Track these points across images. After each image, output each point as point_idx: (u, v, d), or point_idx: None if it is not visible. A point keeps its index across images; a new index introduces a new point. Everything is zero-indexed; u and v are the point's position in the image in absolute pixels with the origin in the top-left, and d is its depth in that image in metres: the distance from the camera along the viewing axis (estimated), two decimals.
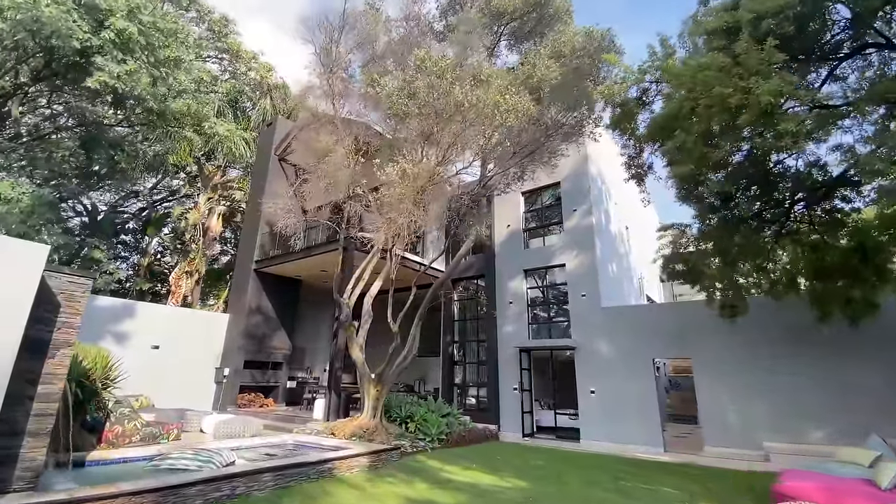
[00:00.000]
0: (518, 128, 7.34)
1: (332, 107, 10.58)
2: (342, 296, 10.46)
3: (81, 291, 5.38)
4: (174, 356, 13.73)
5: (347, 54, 9.89)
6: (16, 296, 4.33)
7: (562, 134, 8.26)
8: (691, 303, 13.38)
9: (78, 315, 5.32)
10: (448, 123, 7.12)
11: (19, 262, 4.35)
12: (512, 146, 7.82)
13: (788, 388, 9.85)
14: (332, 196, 10.65)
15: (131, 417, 8.18)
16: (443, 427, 10.38)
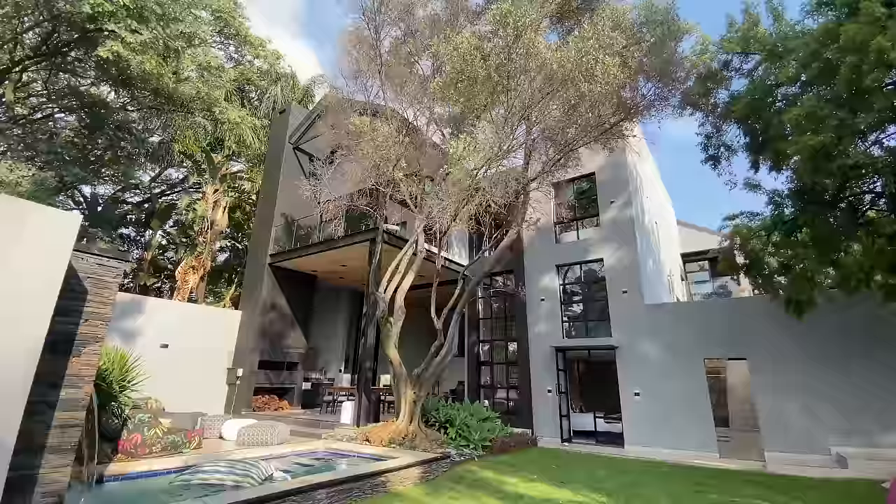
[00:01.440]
0: (598, 98, 6.55)
1: (375, 81, 9.67)
2: (377, 290, 9.57)
3: (113, 276, 4.48)
4: (184, 355, 12.75)
5: (391, 25, 8.98)
6: (43, 278, 3.44)
7: (642, 107, 7.49)
8: (745, 299, 12.74)
9: (108, 304, 4.43)
10: (520, 92, 6.28)
11: (47, 236, 3.46)
12: (592, 118, 7.01)
13: (859, 388, 9.18)
14: (365, 182, 9.73)
15: (151, 424, 7.26)
16: (485, 433, 9.55)
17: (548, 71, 6.04)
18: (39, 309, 3.43)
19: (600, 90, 6.22)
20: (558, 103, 6.58)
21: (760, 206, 8.70)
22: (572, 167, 10.95)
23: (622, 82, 6.46)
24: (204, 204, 16.36)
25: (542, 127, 6.91)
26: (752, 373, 10.37)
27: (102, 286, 4.40)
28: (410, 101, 8.55)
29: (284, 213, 15.38)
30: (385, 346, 9.58)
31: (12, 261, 3.22)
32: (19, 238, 3.26)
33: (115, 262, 4.51)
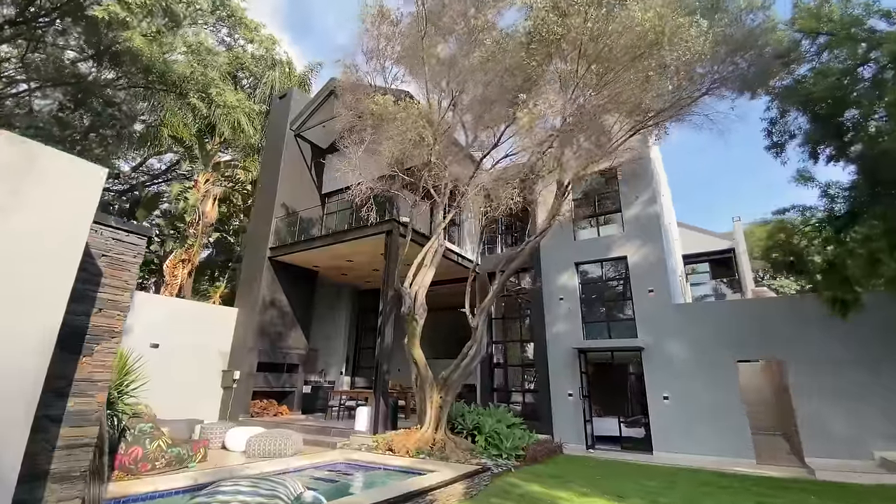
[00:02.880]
0: (682, 67, 5.93)
1: (392, 62, 8.85)
2: (402, 285, 8.74)
3: (133, 254, 3.59)
4: (176, 356, 11.63)
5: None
6: (59, 248, 2.56)
7: (717, 83, 6.88)
8: (781, 298, 12.43)
9: (127, 291, 3.53)
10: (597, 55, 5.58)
11: (65, 192, 2.57)
12: (670, 90, 6.38)
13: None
14: (389, 168, 8.88)
15: (153, 436, 6.27)
16: (517, 441, 8.83)
17: (636, 33, 5.40)
18: (54, 289, 2.54)
19: (686, 59, 5.62)
20: (635, 71, 5.93)
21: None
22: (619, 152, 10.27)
23: (705, 52, 5.86)
24: (195, 193, 15.17)
25: (606, 99, 6.22)
26: (790, 375, 9.96)
27: (120, 267, 3.50)
28: (437, 81, 7.73)
29: (285, 203, 14.37)
30: (409, 345, 8.77)
31: (20, 221, 2.34)
32: (29, 192, 2.37)
33: (137, 237, 3.61)
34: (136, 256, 3.59)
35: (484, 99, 7.11)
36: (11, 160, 2.30)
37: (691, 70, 6.02)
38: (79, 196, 2.62)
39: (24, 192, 2.36)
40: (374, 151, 8.41)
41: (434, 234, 9.18)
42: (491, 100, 7.21)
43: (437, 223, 9.24)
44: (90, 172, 2.71)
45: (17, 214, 2.33)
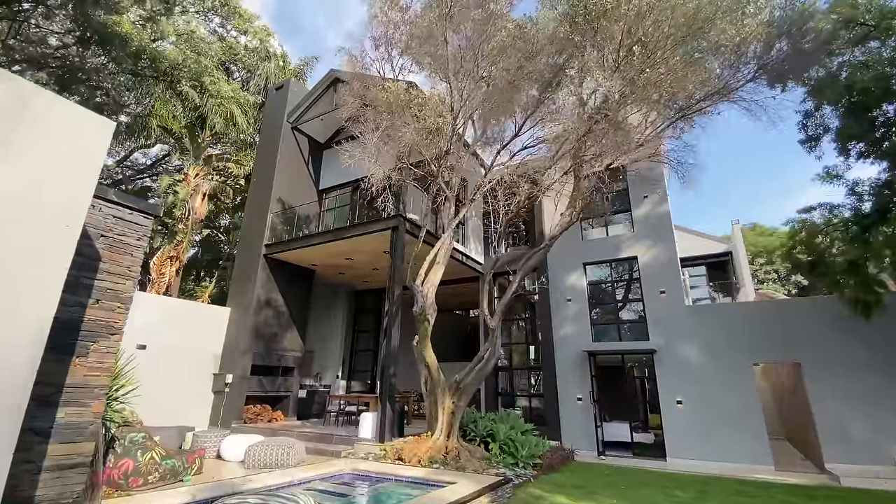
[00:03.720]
0: (731, 50, 5.53)
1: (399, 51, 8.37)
2: (415, 283, 8.22)
3: (137, 236, 3.04)
4: (164, 359, 10.89)
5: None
6: (56, 224, 2.01)
7: (763, 70, 6.50)
8: (799, 300, 12.20)
9: (128, 279, 2.98)
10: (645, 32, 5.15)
11: (68, 151, 2.02)
12: (722, 74, 5.97)
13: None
14: (401, 160, 8.37)
15: (145, 446, 5.64)
16: (533, 448, 8.38)
17: (692, 6, 5.03)
18: (47, 272, 2.00)
19: (738, 40, 5.27)
20: (683, 53, 5.53)
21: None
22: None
23: (759, 33, 5.52)
24: (186, 187, 14.41)
25: (645, 84, 5.80)
26: (807, 379, 9.72)
27: (122, 251, 2.95)
28: (455, 67, 7.24)
29: (281, 198, 13.73)
30: (421, 347, 8.25)
31: (3, 180, 1.79)
32: (17, 143, 1.83)
33: (141, 215, 3.06)
34: (141, 239, 3.04)
35: (507, 85, 6.67)
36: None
37: (741, 53, 5.68)
38: (80, 153, 2.08)
39: (11, 143, 1.81)
40: (383, 142, 7.88)
41: (447, 229, 8.68)
42: (515, 86, 6.78)
43: (449, 218, 8.75)
44: (96, 125, 2.17)
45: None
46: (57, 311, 2.18)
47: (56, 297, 2.09)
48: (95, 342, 2.74)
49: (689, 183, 6.10)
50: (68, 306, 2.60)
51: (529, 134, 7.95)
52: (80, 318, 2.69)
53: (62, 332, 2.58)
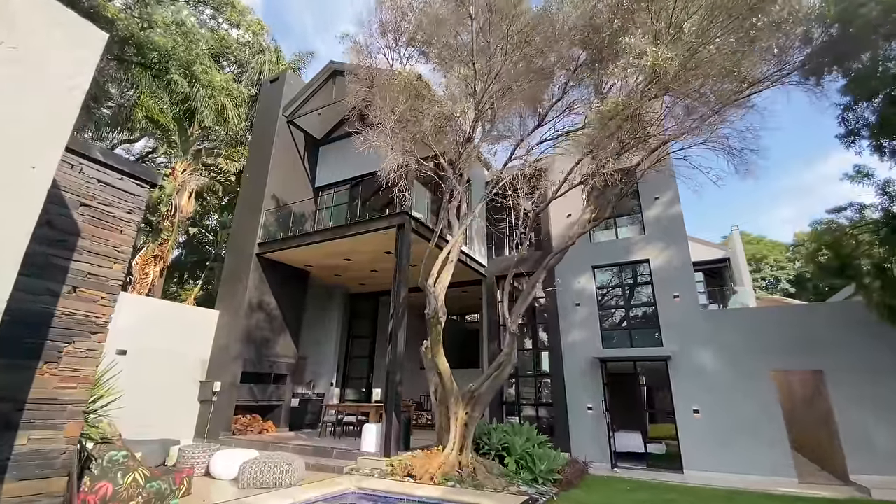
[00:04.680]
0: (793, 27, 5.06)
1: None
2: (426, 283, 7.60)
3: (128, 209, 2.39)
4: (147, 365, 10.05)
5: None
6: (12, 175, 1.36)
7: (817, 53, 6.04)
8: (821, 304, 11.86)
9: (117, 262, 2.33)
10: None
11: (42, 63, 1.38)
12: (781, 54, 5.49)
13: None
14: (412, 152, 7.77)
15: (127, 467, 4.89)
16: (552, 462, 7.78)
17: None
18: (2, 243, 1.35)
19: (800, 16, 4.86)
20: (740, 29, 5.03)
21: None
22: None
23: (825, 13, 5.09)
24: (173, 182, 13.56)
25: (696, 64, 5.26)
26: (830, 387, 9.35)
27: (109, 225, 2.30)
28: (473, 46, 6.63)
29: (275, 194, 12.99)
30: (432, 353, 7.62)
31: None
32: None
33: (135, 182, 2.41)
34: (133, 212, 2.40)
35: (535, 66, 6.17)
36: None
37: (802, 33, 5.27)
38: (57, 72, 1.44)
39: None
40: (399, 128, 7.26)
41: (460, 225, 8.10)
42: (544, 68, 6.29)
43: (462, 214, 8.18)
44: (81, 34, 1.53)
45: None
46: (11, 300, 1.52)
47: (9, 280, 1.45)
48: (70, 343, 2.09)
49: (750, 171, 5.68)
50: (33, 295, 1.95)
51: (550, 126, 7.46)
52: (51, 311, 2.04)
53: (23, 330, 1.92)
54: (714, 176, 5.99)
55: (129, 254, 2.35)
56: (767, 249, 42.80)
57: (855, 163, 7.61)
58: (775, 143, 31.36)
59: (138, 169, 2.42)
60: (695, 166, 6.06)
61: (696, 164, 6.02)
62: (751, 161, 5.60)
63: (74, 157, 2.12)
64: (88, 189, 2.20)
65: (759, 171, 5.69)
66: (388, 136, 6.98)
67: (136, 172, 2.38)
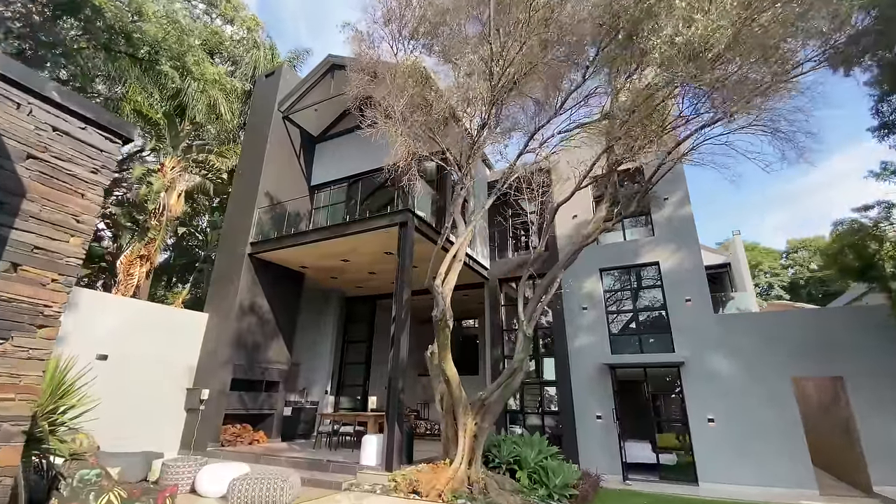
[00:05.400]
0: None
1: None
2: (434, 282, 7.08)
3: (93, 167, 1.86)
4: (130, 371, 9.40)
5: None
6: None
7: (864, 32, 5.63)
8: (842, 308, 11.49)
9: (75, 234, 1.79)
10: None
11: None
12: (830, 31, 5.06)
13: None
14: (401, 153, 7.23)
15: (101, 488, 4.29)
16: (567, 476, 7.26)
17: None
18: None
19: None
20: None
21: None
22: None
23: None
24: (161, 178, 12.92)
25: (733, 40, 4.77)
26: (851, 394, 8.97)
27: (66, 186, 1.77)
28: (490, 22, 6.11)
29: (269, 192, 12.42)
30: (440, 358, 7.08)
31: None
32: None
33: (102, 135, 1.89)
34: (99, 172, 1.88)
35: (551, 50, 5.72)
36: None
37: (847, 11, 4.89)
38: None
39: None
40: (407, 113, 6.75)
41: (469, 222, 7.62)
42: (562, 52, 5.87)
43: (470, 212, 7.71)
44: None
45: None
46: None
47: None
48: (7, 340, 1.56)
49: (804, 156, 5.28)
50: None
51: (566, 116, 7.03)
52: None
53: None
54: (762, 162, 5.59)
55: (92, 226, 1.82)
56: (761, 256, 42.89)
57: (882, 159, 7.27)
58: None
59: (107, 117, 1.90)
60: (740, 152, 5.66)
61: (740, 150, 5.63)
62: (804, 145, 5.22)
63: (21, 93, 1.60)
64: (39, 138, 1.68)
65: (813, 156, 5.31)
66: (398, 121, 6.46)
67: (103, 121, 1.86)
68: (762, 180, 63.18)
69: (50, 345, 1.72)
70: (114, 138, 1.91)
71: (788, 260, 41.71)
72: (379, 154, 12.18)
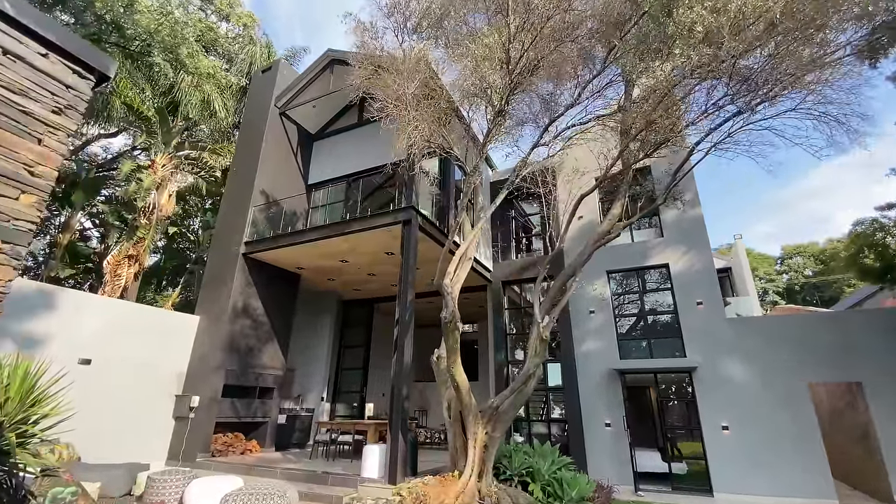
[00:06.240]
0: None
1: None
2: (443, 282, 6.66)
3: (54, 105, 1.42)
4: (114, 376, 8.87)
5: None
6: None
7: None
8: (861, 312, 11.21)
9: (27, 191, 1.36)
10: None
11: None
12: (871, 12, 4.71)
13: None
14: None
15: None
16: (583, 489, 6.83)
17: None
18: None
19: None
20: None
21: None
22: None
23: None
24: (152, 175, 12.39)
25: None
26: (870, 400, 8.67)
27: (17, 126, 1.33)
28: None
29: (265, 190, 11.95)
30: (449, 363, 6.64)
31: None
32: None
33: (71, 68, 1.45)
34: (63, 113, 1.45)
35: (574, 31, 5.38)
36: None
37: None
38: None
39: None
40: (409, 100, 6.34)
41: (477, 219, 7.22)
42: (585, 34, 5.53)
43: (478, 209, 7.33)
44: None
45: None
46: None
47: None
48: None
49: (858, 139, 4.96)
50: None
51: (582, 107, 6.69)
52: None
53: None
54: (812, 147, 5.26)
55: (50, 180, 1.40)
56: (756, 262, 43.03)
57: None
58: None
59: (77, 45, 1.46)
60: (787, 138, 5.33)
61: (786, 136, 5.29)
62: (857, 129, 4.90)
63: None
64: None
65: (868, 141, 4.99)
66: (411, 106, 6.04)
67: (72, 49, 1.42)
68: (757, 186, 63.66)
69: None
70: (84, 72, 1.47)
71: (784, 266, 41.85)
72: (378, 152, 11.85)
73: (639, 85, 6.00)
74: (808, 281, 38.70)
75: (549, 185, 8.56)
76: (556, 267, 11.95)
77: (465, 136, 8.75)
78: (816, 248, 39.68)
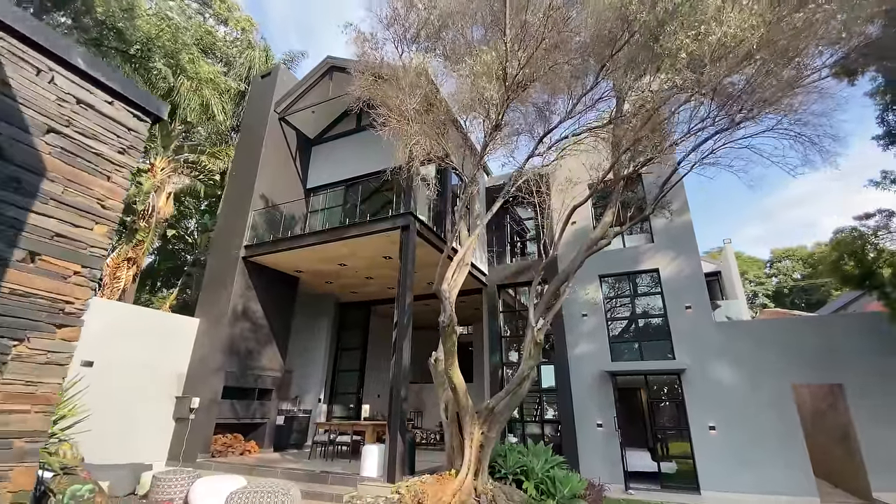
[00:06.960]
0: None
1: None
2: (441, 286, 6.89)
3: (120, 146, 1.65)
4: (116, 378, 8.99)
5: None
6: None
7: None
8: (844, 315, 11.59)
9: (100, 222, 1.58)
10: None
11: None
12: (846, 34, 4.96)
13: None
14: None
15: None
16: (575, 486, 7.09)
17: None
18: None
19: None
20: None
21: None
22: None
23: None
24: (151, 178, 12.52)
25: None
26: (850, 401, 9.02)
27: (91, 166, 1.56)
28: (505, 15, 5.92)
29: (264, 194, 12.12)
30: (447, 365, 6.87)
31: None
32: None
33: (131, 112, 1.66)
34: (127, 153, 1.67)
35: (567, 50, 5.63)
36: None
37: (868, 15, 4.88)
38: None
39: None
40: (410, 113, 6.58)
41: (475, 224, 7.47)
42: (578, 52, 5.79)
43: (476, 214, 7.58)
44: None
45: None
46: None
47: None
48: (22, 340, 1.34)
49: (829, 160, 5.27)
50: None
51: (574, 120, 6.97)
52: None
53: None
54: (787, 166, 5.58)
55: (118, 212, 1.62)
56: (746, 265, 43.70)
57: (882, 168, 7.36)
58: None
59: (136, 91, 1.69)
60: (765, 157, 5.64)
61: (764, 154, 5.61)
62: (828, 149, 5.23)
63: (42, 57, 1.39)
64: (61, 110, 1.46)
65: (837, 160, 5.31)
66: (412, 120, 6.27)
67: (132, 95, 1.65)
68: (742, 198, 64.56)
69: (71, 347, 1.50)
70: (142, 115, 1.70)
71: (773, 269, 42.53)
72: (376, 157, 12.06)
73: (628, 101, 6.29)
74: (796, 284, 39.39)
75: (542, 195, 8.84)
76: (551, 272, 12.20)
77: (463, 145, 8.98)
78: (805, 252, 40.37)
